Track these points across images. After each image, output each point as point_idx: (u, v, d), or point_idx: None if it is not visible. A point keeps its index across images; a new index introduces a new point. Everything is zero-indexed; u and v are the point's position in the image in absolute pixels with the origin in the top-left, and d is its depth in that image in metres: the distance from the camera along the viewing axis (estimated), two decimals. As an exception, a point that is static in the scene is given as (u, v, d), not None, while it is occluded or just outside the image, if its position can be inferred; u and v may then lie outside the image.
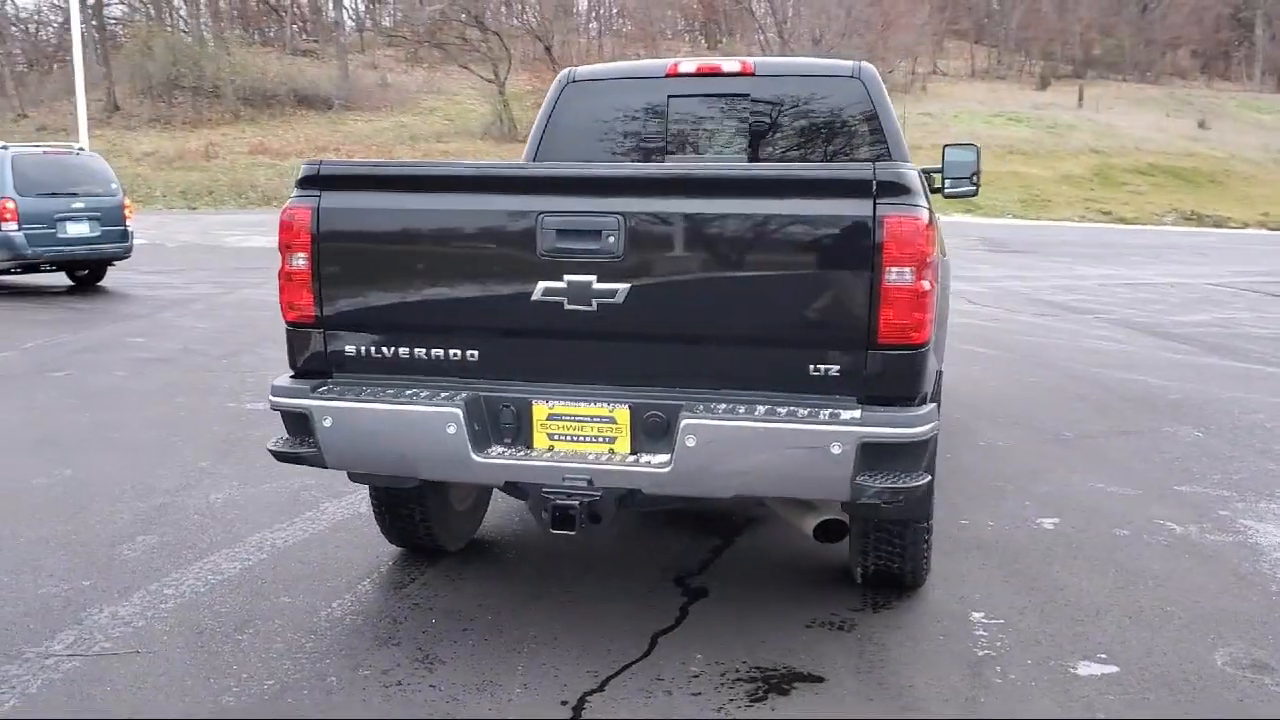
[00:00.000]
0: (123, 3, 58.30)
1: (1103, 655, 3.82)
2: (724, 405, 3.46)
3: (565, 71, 5.91)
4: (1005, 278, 17.96)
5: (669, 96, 5.61)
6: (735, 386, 3.51)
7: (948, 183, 7.01)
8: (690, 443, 3.39)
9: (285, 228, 3.70)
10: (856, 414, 3.36)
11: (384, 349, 3.71)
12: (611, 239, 3.45)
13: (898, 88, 52.07)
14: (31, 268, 14.17)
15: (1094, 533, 5.13)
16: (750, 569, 4.67)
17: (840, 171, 3.48)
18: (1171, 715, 3.43)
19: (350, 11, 58.86)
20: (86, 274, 15.14)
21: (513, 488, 3.69)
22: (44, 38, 55.88)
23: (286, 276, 3.74)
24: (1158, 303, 14.80)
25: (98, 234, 14.34)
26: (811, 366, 3.45)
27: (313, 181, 3.70)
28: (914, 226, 3.35)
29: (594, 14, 61.47)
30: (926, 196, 3.50)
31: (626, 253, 3.45)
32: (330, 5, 52.02)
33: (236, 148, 41.31)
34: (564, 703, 3.45)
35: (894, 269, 3.35)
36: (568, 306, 3.51)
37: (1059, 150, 46.20)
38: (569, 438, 3.62)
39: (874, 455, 3.36)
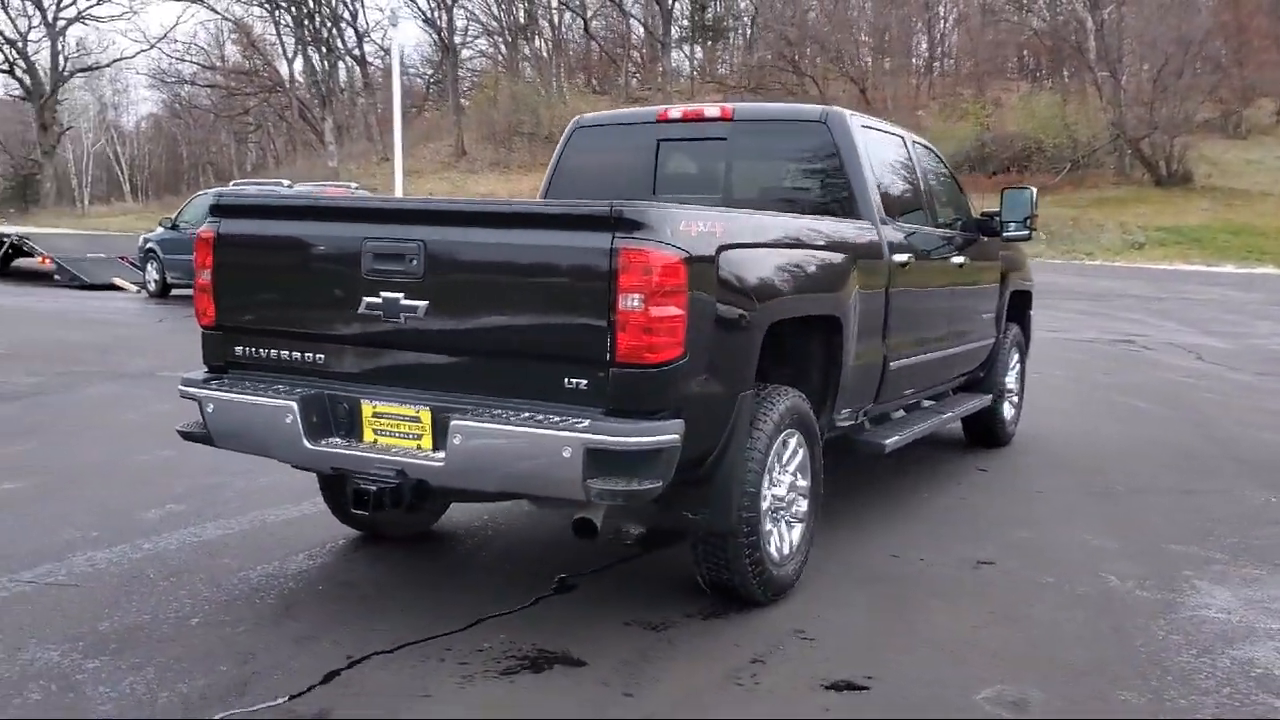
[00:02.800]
0: (483, 55, 63.83)
1: (870, 677, 3.95)
2: (498, 410, 3.94)
3: (576, 117, 6.51)
4: (1276, 335, 16.58)
5: (658, 140, 6.07)
6: (510, 395, 3.98)
7: (1010, 225, 7.05)
8: (457, 441, 3.91)
9: (197, 247, 4.53)
10: (585, 423, 3.75)
11: (261, 350, 4.46)
12: (414, 262, 4.03)
13: (1258, 129, 48.12)
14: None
15: (1015, 577, 5.10)
16: (638, 577, 5.03)
17: (585, 208, 3.88)
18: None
19: (686, 56, 61.35)
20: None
21: (341, 473, 4.31)
22: (412, 87, 61.84)
23: (199, 288, 4.56)
24: None
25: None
26: (566, 380, 3.87)
27: (217, 209, 4.52)
28: (646, 259, 3.71)
29: (936, 51, 60.71)
30: (682, 234, 3.82)
31: (426, 274, 4.02)
32: (663, 54, 54.35)
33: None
34: (349, 656, 4.02)
35: (628, 296, 3.72)
36: (383, 319, 4.11)
37: None
38: (388, 434, 4.20)
39: (600, 460, 3.73)
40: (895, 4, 50.29)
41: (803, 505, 4.81)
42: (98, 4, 54.39)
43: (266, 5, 56.59)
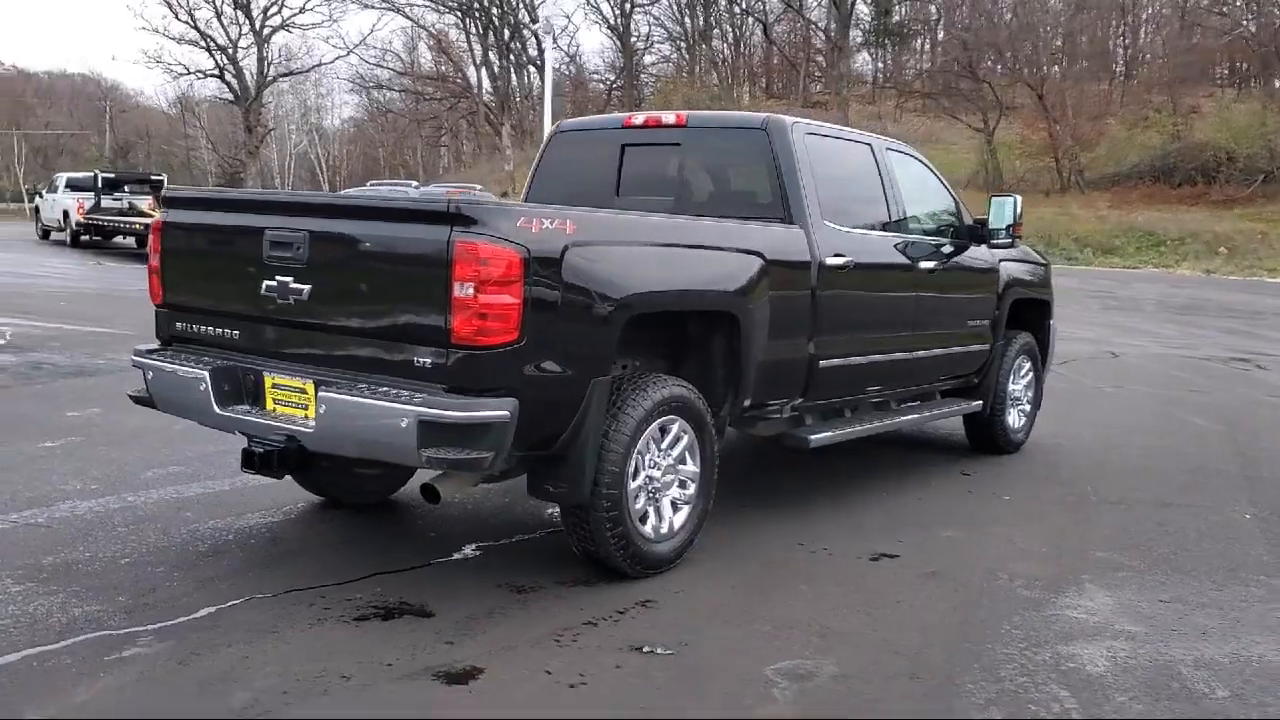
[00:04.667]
0: (665, 60, 64.76)
1: (684, 644, 4.25)
2: (361, 385, 4.42)
3: (558, 122, 6.93)
4: None
5: (623, 145, 6.43)
6: (375, 371, 4.45)
7: (997, 233, 7.15)
8: (322, 410, 4.41)
9: (152, 234, 5.17)
10: (422, 397, 4.18)
11: (195, 326, 5.06)
12: (301, 249, 4.54)
13: None
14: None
15: (906, 572, 5.25)
16: (546, 548, 5.41)
17: (429, 204, 4.31)
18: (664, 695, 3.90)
19: (871, 59, 60.89)
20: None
21: (246, 435, 4.86)
22: (593, 93, 63.32)
23: (150, 270, 5.19)
24: None
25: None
26: (416, 359, 4.31)
27: (166, 201, 5.16)
28: (476, 251, 4.13)
29: (1127, 57, 58.46)
30: (520, 230, 4.21)
31: (310, 260, 4.53)
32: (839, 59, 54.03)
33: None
34: (233, 598, 4.55)
35: (462, 284, 4.14)
36: (278, 300, 4.64)
37: None
38: (284, 403, 4.72)
39: (432, 431, 4.16)
40: (1086, 9, 48.72)
41: (690, 489, 5.10)
42: (300, 13, 57.55)
43: (458, 13, 59.05)
